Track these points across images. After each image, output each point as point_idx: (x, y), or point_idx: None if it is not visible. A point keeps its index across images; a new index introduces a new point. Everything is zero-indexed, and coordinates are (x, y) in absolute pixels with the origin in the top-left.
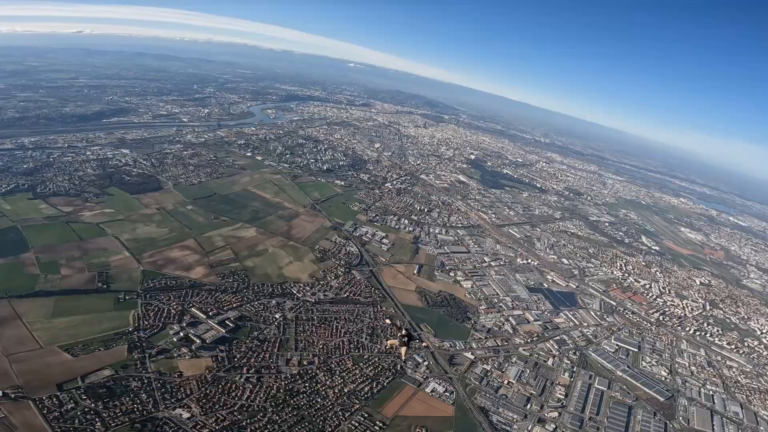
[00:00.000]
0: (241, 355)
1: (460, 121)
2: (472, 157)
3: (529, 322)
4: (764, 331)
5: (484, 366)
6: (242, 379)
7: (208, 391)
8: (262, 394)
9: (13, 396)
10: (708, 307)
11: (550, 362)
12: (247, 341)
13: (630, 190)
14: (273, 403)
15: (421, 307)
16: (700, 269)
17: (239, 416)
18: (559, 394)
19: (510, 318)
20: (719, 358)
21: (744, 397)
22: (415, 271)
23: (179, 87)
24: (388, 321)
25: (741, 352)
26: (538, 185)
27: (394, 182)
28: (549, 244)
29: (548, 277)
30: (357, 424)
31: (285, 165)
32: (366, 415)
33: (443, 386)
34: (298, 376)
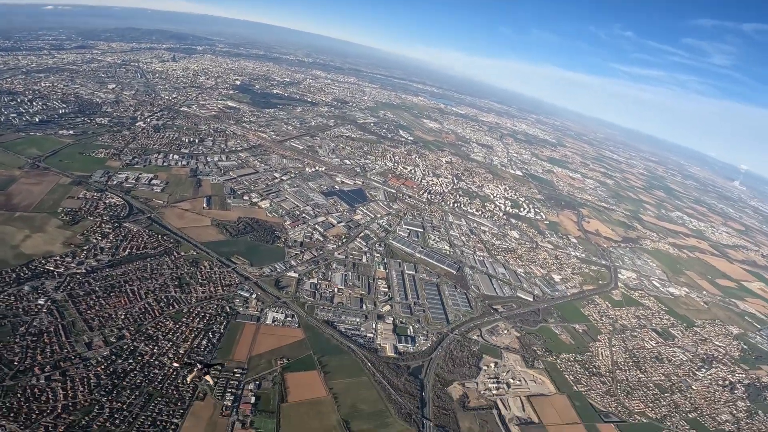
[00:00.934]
0: (21, 357)
1: (217, 50)
2: (238, 82)
3: (334, 226)
4: (495, 194)
5: (311, 280)
6: (43, 381)
7: (9, 404)
8: (81, 388)
9: None
10: (456, 181)
11: (364, 260)
12: (17, 340)
13: (383, 94)
14: (102, 392)
15: (224, 240)
16: (442, 151)
17: (72, 417)
18: (383, 287)
19: (316, 226)
20: (475, 224)
21: (503, 257)
22: (205, 205)
23: None
24: (176, 365)
25: (486, 216)
26: (308, 99)
27: (148, 120)
28: (330, 149)
29: (337, 179)
30: (216, 380)
31: None
32: (220, 368)
33: (282, 313)
34: (113, 357)
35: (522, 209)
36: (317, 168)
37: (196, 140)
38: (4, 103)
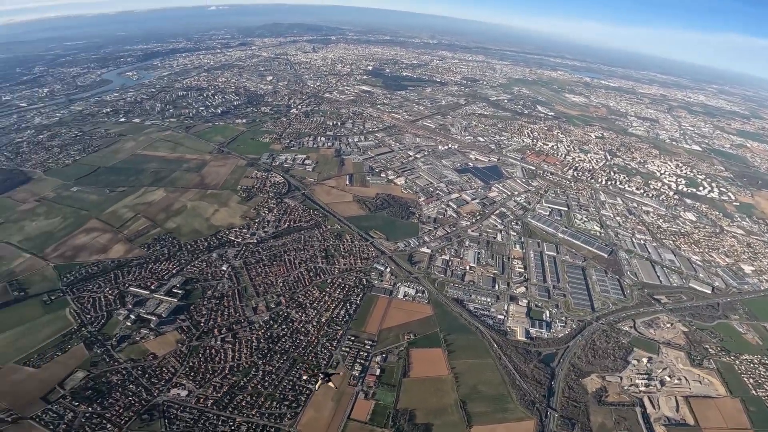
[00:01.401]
0: (206, 319)
1: (348, 38)
2: (370, 68)
3: (467, 203)
4: (662, 171)
5: (443, 257)
6: (219, 342)
7: (191, 364)
8: (245, 350)
9: (9, 419)
10: (609, 157)
11: (499, 238)
12: (205, 302)
13: (516, 71)
14: (260, 355)
15: (364, 215)
16: (591, 125)
17: (234, 378)
18: (519, 268)
19: (450, 203)
20: (635, 204)
21: (672, 243)
22: (347, 182)
23: None
24: (305, 377)
25: (650, 195)
26: (437, 80)
27: (299, 107)
28: (462, 127)
29: (471, 156)
30: (348, 349)
31: (172, 120)
32: (353, 338)
33: (413, 288)
34: (271, 321)
35: (701, 188)
36: (450, 146)
37: (339, 123)
38: (194, 98)
